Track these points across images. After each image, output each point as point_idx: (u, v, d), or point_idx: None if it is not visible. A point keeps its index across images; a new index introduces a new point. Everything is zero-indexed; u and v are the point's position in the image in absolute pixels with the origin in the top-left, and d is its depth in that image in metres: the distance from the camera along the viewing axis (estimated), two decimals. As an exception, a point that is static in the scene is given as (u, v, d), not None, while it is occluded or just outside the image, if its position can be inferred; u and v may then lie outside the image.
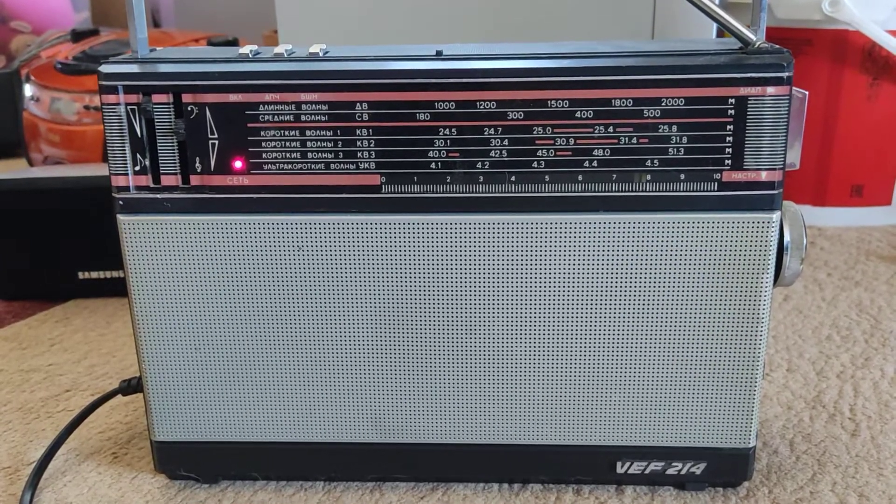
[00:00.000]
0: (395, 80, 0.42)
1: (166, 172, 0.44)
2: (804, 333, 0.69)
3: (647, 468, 0.48)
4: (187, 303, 0.46)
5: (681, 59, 0.42)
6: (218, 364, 0.47)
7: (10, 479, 0.51)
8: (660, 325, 0.45)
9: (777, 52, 0.42)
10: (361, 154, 0.43)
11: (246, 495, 0.49)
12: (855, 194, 0.96)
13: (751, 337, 0.44)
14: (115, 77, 0.43)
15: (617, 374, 0.46)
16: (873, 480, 0.49)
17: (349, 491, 0.49)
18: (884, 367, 0.63)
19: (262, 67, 0.43)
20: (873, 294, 0.76)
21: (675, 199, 0.43)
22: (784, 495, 0.48)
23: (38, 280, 0.79)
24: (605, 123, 0.42)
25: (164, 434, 0.49)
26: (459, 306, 0.45)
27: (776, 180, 0.42)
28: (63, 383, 0.64)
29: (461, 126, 0.42)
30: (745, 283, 0.44)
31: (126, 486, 0.50)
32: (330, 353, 0.46)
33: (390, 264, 0.45)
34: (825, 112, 0.93)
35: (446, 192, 0.43)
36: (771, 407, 0.57)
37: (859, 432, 0.54)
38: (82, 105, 1.04)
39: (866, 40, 0.89)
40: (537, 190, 0.43)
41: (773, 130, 0.42)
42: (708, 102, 0.41)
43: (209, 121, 0.43)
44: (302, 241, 0.44)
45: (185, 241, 0.45)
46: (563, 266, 0.44)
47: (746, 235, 0.43)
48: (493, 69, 0.42)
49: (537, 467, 0.48)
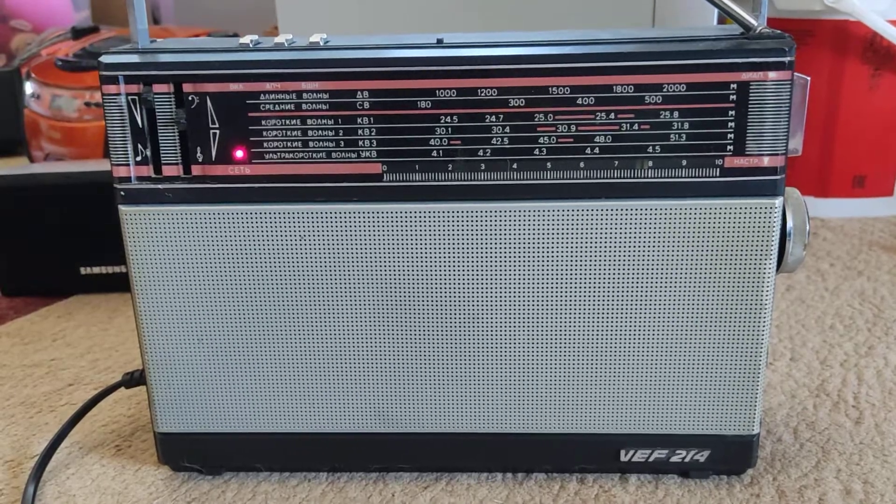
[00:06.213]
0: (396, 67, 0.42)
1: (167, 163, 0.44)
2: (807, 323, 0.68)
3: (650, 456, 0.48)
4: (190, 293, 0.46)
5: (682, 45, 0.42)
6: (221, 355, 0.47)
7: (14, 473, 0.51)
8: (663, 312, 0.45)
9: (779, 37, 0.42)
10: (362, 143, 0.43)
11: (249, 486, 0.49)
12: (857, 185, 0.96)
13: (754, 323, 0.44)
14: (116, 67, 0.43)
15: (620, 361, 0.46)
16: (878, 467, 0.49)
17: (353, 481, 0.49)
18: (887, 355, 0.62)
19: (263, 56, 0.43)
20: (876, 284, 0.76)
21: (678, 185, 0.43)
22: (788, 482, 0.48)
23: (40, 276, 0.79)
24: (607, 110, 0.42)
25: (168, 426, 0.49)
26: (462, 295, 0.45)
27: (779, 166, 0.42)
28: (66, 378, 0.64)
29: (462, 113, 0.42)
30: (748, 270, 0.44)
31: (130, 478, 0.50)
32: (333, 343, 0.46)
33: (392, 253, 0.44)
34: (827, 103, 0.93)
35: (448, 180, 0.43)
36: (775, 396, 0.57)
37: (863, 420, 0.54)
38: (83, 102, 1.04)
39: (867, 31, 0.89)
40: (539, 177, 0.43)
41: (775, 115, 0.41)
42: (709, 88, 0.41)
43: (210, 110, 0.43)
44: (304, 231, 0.44)
45: (187, 231, 0.45)
46: (566, 253, 0.44)
47: (749, 221, 0.43)
48: (494, 56, 0.42)
49: (541, 456, 0.48)
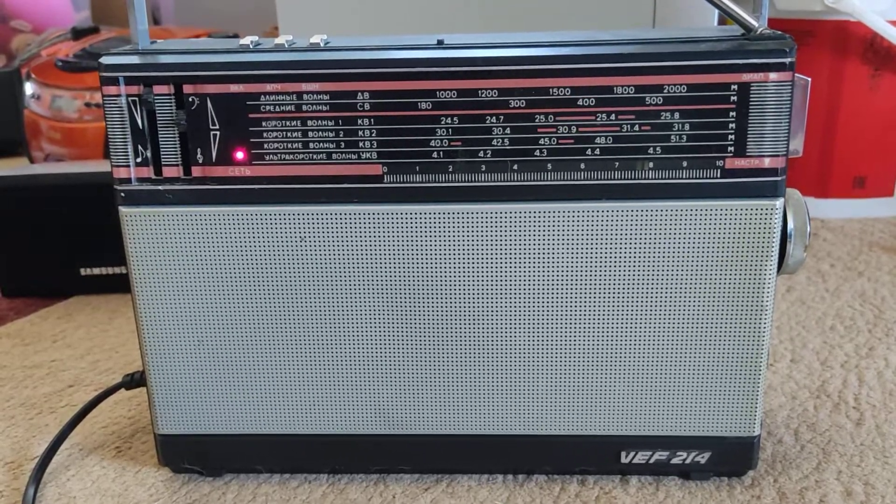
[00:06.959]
0: (397, 68, 0.42)
1: (168, 164, 0.44)
2: (808, 324, 0.68)
3: (651, 458, 0.47)
4: (190, 294, 0.46)
5: (683, 46, 0.42)
6: (221, 356, 0.47)
7: (14, 474, 0.51)
8: (663, 313, 0.45)
9: (779, 38, 0.42)
10: (363, 144, 0.43)
11: (250, 488, 0.49)
12: (857, 186, 0.96)
13: (755, 324, 0.44)
14: (116, 68, 0.43)
15: (621, 363, 0.46)
16: (878, 469, 0.49)
17: (353, 483, 0.49)
18: (888, 356, 0.62)
19: (263, 58, 0.43)
20: (876, 284, 0.76)
21: (678, 186, 0.43)
22: (789, 484, 0.48)
23: (40, 276, 0.79)
24: (607, 111, 0.42)
25: (168, 427, 0.49)
26: (462, 296, 0.45)
27: (779, 167, 0.42)
28: (66, 379, 0.63)
29: (463, 115, 0.42)
30: (748, 271, 0.44)
31: (130, 479, 0.50)
32: (333, 345, 0.46)
33: (393, 254, 0.44)
34: (827, 104, 0.93)
35: (448, 181, 0.43)
36: (775, 397, 0.57)
37: (864, 421, 0.54)
38: (83, 102, 1.04)
39: (867, 31, 0.89)
40: (540, 178, 0.43)
41: (776, 117, 0.41)
42: (710, 89, 0.41)
43: (210, 111, 0.43)
44: (304, 232, 0.44)
45: (187, 232, 0.45)
46: (566, 255, 0.44)
47: (750, 222, 0.43)
48: (495, 57, 0.42)
49: (542, 458, 0.48)
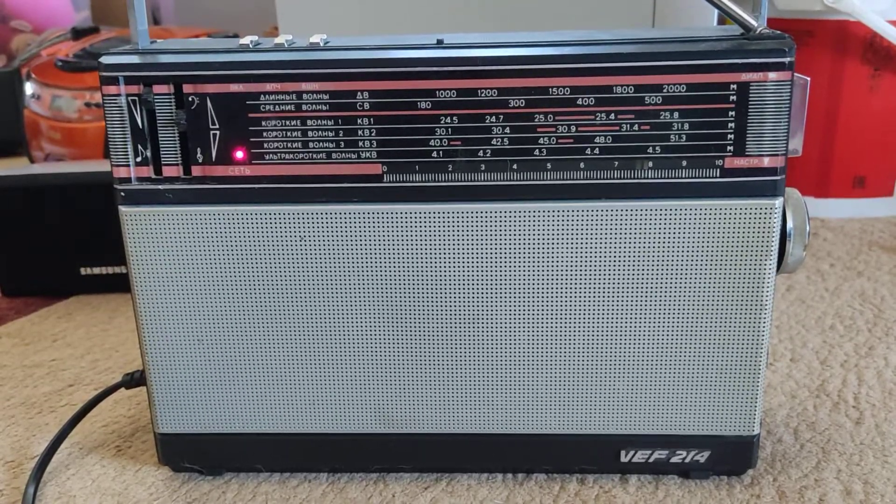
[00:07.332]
0: (396, 68, 0.42)
1: (168, 163, 0.44)
2: (807, 323, 0.68)
3: (651, 456, 0.48)
4: (190, 294, 0.46)
5: (682, 46, 0.42)
6: (221, 355, 0.47)
7: (14, 473, 0.51)
8: (663, 312, 0.45)
9: (779, 38, 0.42)
10: (363, 143, 0.43)
11: (250, 487, 0.49)
12: (857, 185, 0.96)
13: (754, 323, 0.44)
14: (116, 68, 0.43)
15: (620, 362, 0.46)
16: (878, 468, 0.49)
17: (353, 482, 0.49)
18: (887, 355, 0.62)
19: (263, 57, 0.43)
20: (876, 284, 0.76)
21: (678, 185, 0.43)
22: (789, 483, 0.48)
23: (40, 276, 0.79)
24: (607, 110, 0.42)
25: (168, 426, 0.49)
26: (462, 296, 0.45)
27: (779, 166, 0.42)
28: (66, 378, 0.64)
29: (462, 114, 0.42)
30: (748, 270, 0.44)
31: (130, 478, 0.50)
32: (333, 344, 0.46)
33: (392, 254, 0.44)
34: (827, 104, 0.93)
35: (448, 180, 0.43)
36: (775, 396, 0.57)
37: (863, 420, 0.54)
38: (83, 102, 1.04)
39: (867, 31, 0.89)
40: (539, 178, 0.43)
41: (776, 116, 0.41)
42: (709, 88, 0.41)
43: (210, 111, 0.43)
44: (304, 232, 0.44)
45: (187, 231, 0.45)
46: (566, 254, 0.44)
47: (749, 222, 0.43)
48: (494, 57, 0.42)
49: (541, 457, 0.48)
